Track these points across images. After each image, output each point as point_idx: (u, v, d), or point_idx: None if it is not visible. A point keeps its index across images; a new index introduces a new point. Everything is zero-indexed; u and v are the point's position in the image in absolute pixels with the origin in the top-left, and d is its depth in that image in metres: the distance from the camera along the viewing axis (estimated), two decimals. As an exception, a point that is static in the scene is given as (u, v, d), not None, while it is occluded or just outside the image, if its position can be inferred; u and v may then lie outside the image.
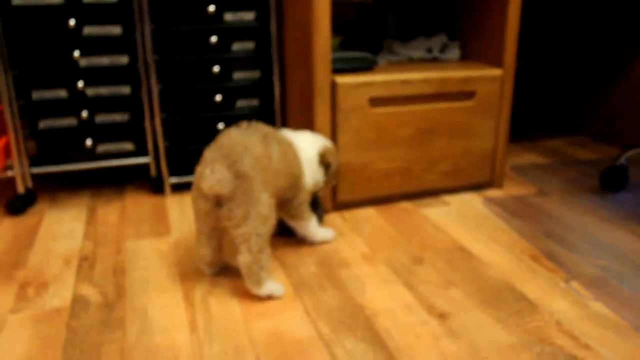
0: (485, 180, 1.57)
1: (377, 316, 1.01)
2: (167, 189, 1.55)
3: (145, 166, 1.60)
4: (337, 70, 1.40)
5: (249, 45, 1.52)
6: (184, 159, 1.54)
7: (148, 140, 1.51)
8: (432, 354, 0.91)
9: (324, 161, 1.24)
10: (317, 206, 1.32)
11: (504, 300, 1.06)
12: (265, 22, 1.51)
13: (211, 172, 1.00)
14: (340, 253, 1.24)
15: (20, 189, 1.44)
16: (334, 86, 1.35)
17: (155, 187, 1.55)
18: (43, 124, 1.44)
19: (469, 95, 1.48)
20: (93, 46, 1.42)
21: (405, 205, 1.50)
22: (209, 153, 1.05)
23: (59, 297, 1.08)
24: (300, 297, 1.07)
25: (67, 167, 1.48)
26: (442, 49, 1.66)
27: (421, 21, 1.81)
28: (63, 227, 1.37)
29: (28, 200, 1.46)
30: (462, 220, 1.41)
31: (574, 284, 1.11)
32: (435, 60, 1.65)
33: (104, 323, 0.99)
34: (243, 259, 1.04)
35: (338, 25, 1.68)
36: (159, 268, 1.18)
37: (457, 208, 1.48)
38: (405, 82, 1.40)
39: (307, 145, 1.22)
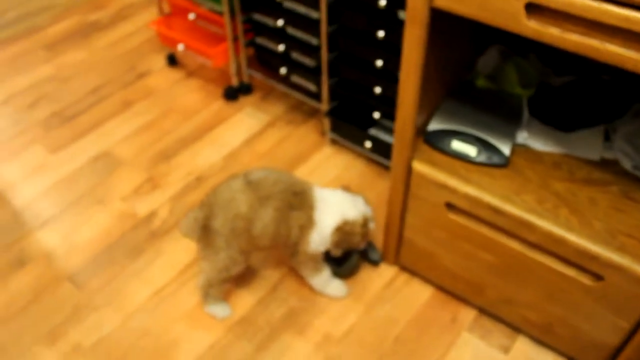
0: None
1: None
2: (327, 139, 1.64)
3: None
4: (434, 146, 1.12)
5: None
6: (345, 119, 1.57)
7: (323, 92, 1.56)
8: None
9: (343, 233, 1.17)
10: (348, 257, 1.29)
11: None
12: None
13: (186, 218, 1.17)
14: (314, 320, 1.26)
15: (234, 82, 1.77)
16: (409, 168, 1.12)
17: (321, 132, 1.66)
18: (259, 40, 1.65)
19: (590, 273, 0.99)
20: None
21: (466, 313, 1.25)
22: (206, 197, 1.18)
23: (145, 205, 1.49)
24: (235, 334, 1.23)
25: (269, 80, 1.72)
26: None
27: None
28: (227, 137, 1.68)
29: (240, 91, 1.80)
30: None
31: None
32: (625, 174, 1.06)
33: (138, 246, 1.40)
34: (199, 280, 1.24)
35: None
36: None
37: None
38: (495, 211, 1.04)
39: (328, 216, 1.16)
